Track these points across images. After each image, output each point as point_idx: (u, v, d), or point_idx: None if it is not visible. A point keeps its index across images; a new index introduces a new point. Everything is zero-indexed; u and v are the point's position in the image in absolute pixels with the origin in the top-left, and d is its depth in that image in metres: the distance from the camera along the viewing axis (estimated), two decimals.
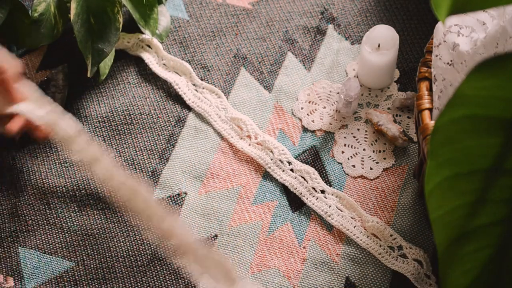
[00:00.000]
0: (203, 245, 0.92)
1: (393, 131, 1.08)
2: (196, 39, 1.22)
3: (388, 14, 1.22)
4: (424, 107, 0.92)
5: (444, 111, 0.59)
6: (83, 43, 1.07)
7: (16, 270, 1.03)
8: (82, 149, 0.93)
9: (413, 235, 1.02)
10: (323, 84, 1.16)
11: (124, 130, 1.13)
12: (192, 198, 1.07)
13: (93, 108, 1.15)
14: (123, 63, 1.20)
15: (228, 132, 1.12)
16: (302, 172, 1.08)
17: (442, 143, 0.61)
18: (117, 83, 1.16)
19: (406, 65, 1.16)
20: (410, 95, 1.12)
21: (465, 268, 0.66)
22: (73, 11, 1.05)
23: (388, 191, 1.06)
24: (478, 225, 0.64)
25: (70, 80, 1.18)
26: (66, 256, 1.04)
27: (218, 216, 1.06)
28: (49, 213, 1.07)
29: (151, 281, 1.01)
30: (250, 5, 1.25)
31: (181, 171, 1.09)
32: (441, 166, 0.62)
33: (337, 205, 1.05)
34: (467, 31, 0.92)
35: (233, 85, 1.17)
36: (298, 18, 1.23)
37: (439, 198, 0.63)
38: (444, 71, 0.92)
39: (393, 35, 1.09)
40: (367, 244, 1.02)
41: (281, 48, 1.20)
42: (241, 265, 1.02)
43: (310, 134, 1.12)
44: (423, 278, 0.98)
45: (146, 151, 1.11)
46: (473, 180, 0.63)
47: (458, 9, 0.59)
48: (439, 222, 0.64)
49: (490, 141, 0.61)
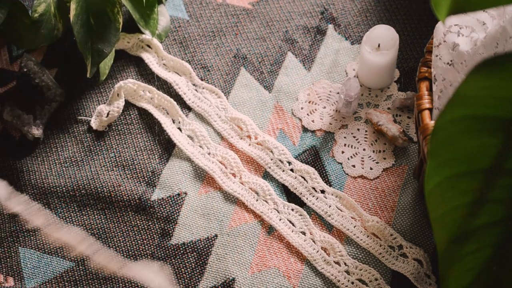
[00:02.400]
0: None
1: (393, 131, 1.08)
2: (196, 39, 1.22)
3: (388, 14, 1.22)
4: (424, 107, 0.92)
5: (444, 111, 0.59)
6: (82, 44, 1.07)
7: (16, 270, 1.03)
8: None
9: (413, 235, 1.02)
10: (323, 84, 1.16)
11: (124, 130, 1.13)
12: (192, 198, 1.07)
13: (93, 109, 1.15)
14: (123, 63, 1.20)
15: (228, 132, 1.12)
16: (302, 172, 1.07)
17: (442, 143, 0.61)
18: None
19: (406, 65, 1.16)
20: (410, 95, 1.12)
21: (465, 267, 0.66)
22: (73, 11, 1.05)
23: (388, 191, 1.06)
24: (478, 225, 0.64)
25: (68, 79, 1.18)
26: (66, 256, 1.04)
27: (218, 216, 1.06)
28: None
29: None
30: (250, 5, 1.25)
31: (181, 171, 1.09)
32: (441, 166, 0.62)
33: (337, 205, 1.05)
34: (467, 31, 0.92)
35: (233, 85, 1.17)
36: (298, 18, 1.23)
37: (439, 198, 0.63)
38: (444, 71, 0.92)
39: (393, 35, 1.09)
40: (367, 244, 1.02)
41: (281, 48, 1.20)
42: (241, 265, 1.02)
43: (310, 134, 1.12)
44: (423, 277, 0.98)
45: (146, 151, 1.11)
46: (473, 180, 0.63)
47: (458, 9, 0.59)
48: (439, 222, 0.64)
49: (490, 141, 0.61)
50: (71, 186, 1.09)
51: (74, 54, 1.18)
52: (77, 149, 1.12)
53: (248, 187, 1.07)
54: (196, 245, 1.03)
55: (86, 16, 1.06)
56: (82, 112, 1.16)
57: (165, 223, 1.05)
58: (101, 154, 1.11)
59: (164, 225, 1.05)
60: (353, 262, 1.00)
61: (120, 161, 1.11)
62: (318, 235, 1.03)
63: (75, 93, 1.17)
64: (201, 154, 1.10)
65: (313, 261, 1.01)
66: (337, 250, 1.01)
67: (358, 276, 1.00)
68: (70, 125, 1.14)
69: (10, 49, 1.22)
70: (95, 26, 1.07)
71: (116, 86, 1.14)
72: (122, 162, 1.11)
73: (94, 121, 1.13)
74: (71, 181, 1.09)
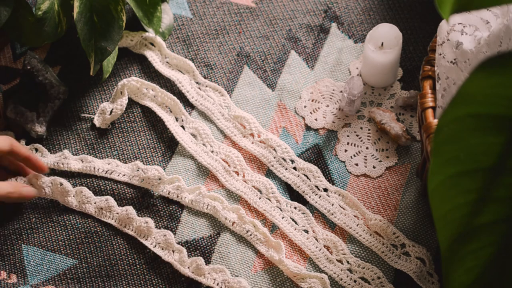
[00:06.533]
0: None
1: (396, 129, 1.08)
2: (199, 37, 1.22)
3: (392, 12, 1.22)
4: (428, 106, 0.92)
5: (448, 109, 0.59)
6: (86, 42, 1.07)
7: (19, 267, 1.03)
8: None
9: (416, 234, 1.02)
10: (326, 82, 1.16)
11: (127, 127, 1.14)
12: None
13: (96, 106, 1.16)
14: (126, 61, 1.20)
15: (231, 130, 1.12)
16: (305, 170, 1.08)
17: (445, 141, 0.61)
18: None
19: (409, 63, 1.16)
20: (413, 93, 1.12)
21: (468, 266, 0.66)
22: (76, 9, 1.05)
23: (391, 190, 1.06)
24: (482, 223, 0.64)
25: (72, 77, 1.18)
26: (69, 254, 1.04)
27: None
28: (52, 211, 1.07)
29: (154, 278, 1.01)
30: (254, 3, 1.25)
31: (184, 169, 1.09)
32: (444, 165, 0.62)
33: (340, 204, 1.05)
34: (471, 29, 0.91)
35: (236, 83, 1.17)
36: (301, 16, 1.23)
37: (442, 196, 0.63)
38: (448, 69, 0.92)
39: (396, 33, 1.09)
40: (369, 243, 1.02)
41: (284, 46, 1.20)
42: (244, 264, 1.02)
43: (313, 132, 1.12)
44: (425, 276, 0.98)
45: (149, 149, 1.11)
46: (477, 178, 0.63)
47: (462, 7, 0.59)
48: (442, 220, 0.64)
49: (493, 140, 0.61)
50: (73, 184, 1.09)
51: (77, 52, 1.18)
52: (80, 146, 1.12)
53: (251, 185, 1.07)
54: (199, 243, 1.03)
55: (89, 14, 1.06)
56: (85, 109, 1.16)
57: (168, 221, 1.05)
58: (104, 151, 1.11)
59: (167, 223, 1.05)
60: (355, 261, 1.00)
61: (123, 158, 1.11)
62: (320, 233, 1.03)
63: (78, 91, 1.17)
64: (204, 152, 1.10)
65: (316, 259, 1.01)
66: (339, 249, 1.01)
67: (361, 274, 1.00)
68: (73, 122, 1.15)
69: (14, 47, 1.22)
70: (98, 24, 1.07)
71: (119, 84, 1.14)
72: (125, 159, 1.11)
73: (97, 119, 1.13)
74: (74, 178, 1.09)
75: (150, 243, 1.02)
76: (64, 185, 1.06)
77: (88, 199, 1.05)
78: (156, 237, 1.02)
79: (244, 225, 1.03)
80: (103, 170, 1.08)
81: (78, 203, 1.06)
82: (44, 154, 1.10)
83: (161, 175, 1.06)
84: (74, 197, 1.06)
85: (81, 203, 1.06)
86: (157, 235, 1.03)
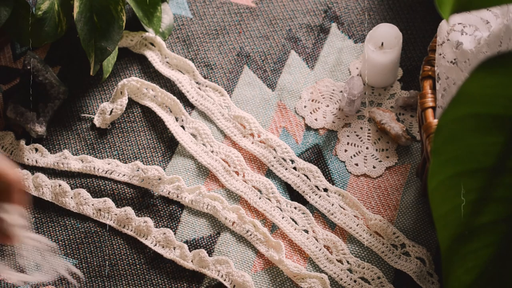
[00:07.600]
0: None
1: (396, 129, 1.08)
2: (199, 37, 1.22)
3: (392, 12, 1.22)
4: (428, 106, 0.92)
5: (448, 109, 0.59)
6: (86, 42, 1.07)
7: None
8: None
9: (416, 233, 1.02)
10: (326, 82, 1.16)
11: (127, 127, 1.14)
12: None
13: (96, 106, 1.16)
14: (126, 61, 1.20)
15: (231, 130, 1.12)
16: (305, 170, 1.08)
17: (445, 141, 0.61)
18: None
19: (409, 63, 1.16)
20: (413, 93, 1.12)
21: (468, 266, 0.66)
22: (76, 9, 1.05)
23: (391, 190, 1.06)
24: (481, 223, 0.64)
25: (72, 77, 1.18)
26: (69, 254, 1.04)
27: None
28: (52, 211, 1.07)
29: (154, 278, 1.01)
30: (254, 3, 1.25)
31: (184, 169, 1.09)
32: (444, 164, 0.62)
33: (340, 204, 1.05)
34: (471, 29, 0.91)
35: (236, 83, 1.17)
36: (301, 16, 1.23)
37: (442, 196, 0.63)
38: (448, 69, 0.92)
39: (396, 33, 1.09)
40: (369, 242, 1.02)
41: (284, 46, 1.20)
42: (244, 264, 1.02)
43: (313, 132, 1.12)
44: (425, 276, 0.98)
45: (149, 149, 1.11)
46: (477, 178, 0.63)
47: (462, 7, 0.59)
48: (442, 220, 0.64)
49: (493, 140, 0.61)
50: (74, 184, 1.09)
51: (77, 52, 1.18)
52: (80, 146, 1.12)
53: (251, 185, 1.07)
54: (199, 243, 1.03)
55: (89, 14, 1.06)
56: (85, 109, 1.16)
57: (168, 221, 1.05)
58: (104, 151, 1.11)
59: (167, 223, 1.05)
60: (355, 261, 1.00)
61: (123, 158, 1.11)
62: (320, 233, 1.03)
63: (78, 91, 1.17)
64: (204, 152, 1.10)
65: (316, 259, 1.01)
66: (339, 249, 1.01)
67: (361, 274, 1.00)
68: (73, 122, 1.15)
69: (14, 47, 1.22)
70: (98, 24, 1.07)
71: (119, 84, 1.14)
72: (125, 159, 1.11)
73: (97, 119, 1.13)
74: (74, 179, 1.09)
75: (150, 242, 1.02)
76: (62, 186, 1.06)
77: (86, 201, 1.05)
78: (156, 235, 1.03)
79: (244, 225, 1.03)
80: (103, 170, 1.08)
81: (76, 205, 1.06)
82: (44, 154, 1.10)
83: (161, 175, 1.06)
84: (72, 199, 1.06)
85: (79, 204, 1.06)
86: (156, 233, 1.03)
